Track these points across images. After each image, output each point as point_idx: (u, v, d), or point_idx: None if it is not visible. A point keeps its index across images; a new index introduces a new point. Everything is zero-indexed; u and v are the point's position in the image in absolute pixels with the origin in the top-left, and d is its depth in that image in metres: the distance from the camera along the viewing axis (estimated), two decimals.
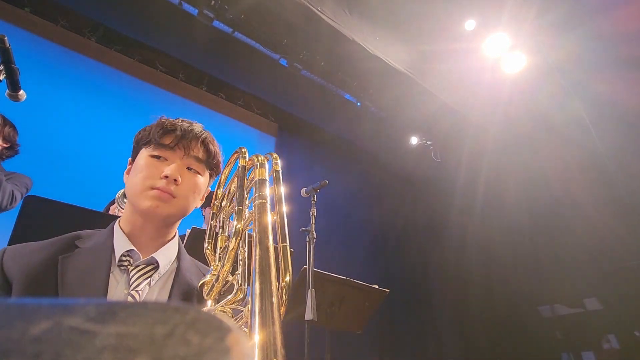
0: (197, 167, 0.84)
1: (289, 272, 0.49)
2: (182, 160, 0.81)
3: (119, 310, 0.13)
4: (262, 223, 0.49)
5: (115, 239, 0.78)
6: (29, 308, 0.13)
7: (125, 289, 0.72)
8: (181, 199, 0.79)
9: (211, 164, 0.87)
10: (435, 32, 4.25)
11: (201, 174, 0.85)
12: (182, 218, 0.85)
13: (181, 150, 0.81)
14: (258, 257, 0.43)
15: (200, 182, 0.84)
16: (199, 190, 0.84)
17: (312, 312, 1.76)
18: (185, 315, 0.13)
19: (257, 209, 0.53)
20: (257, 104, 4.33)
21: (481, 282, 4.61)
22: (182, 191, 0.79)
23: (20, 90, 1.20)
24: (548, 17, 3.97)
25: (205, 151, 0.85)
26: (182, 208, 0.80)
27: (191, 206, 0.84)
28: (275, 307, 0.36)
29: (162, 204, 0.76)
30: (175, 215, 0.80)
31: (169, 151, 0.81)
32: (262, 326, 0.33)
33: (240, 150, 0.73)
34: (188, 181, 0.81)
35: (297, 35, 3.86)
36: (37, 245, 0.75)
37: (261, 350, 0.31)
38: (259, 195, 0.56)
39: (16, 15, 3.13)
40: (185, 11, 3.65)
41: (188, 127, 0.84)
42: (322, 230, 2.56)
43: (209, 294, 0.55)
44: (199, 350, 0.12)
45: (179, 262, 0.83)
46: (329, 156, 4.80)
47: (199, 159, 0.84)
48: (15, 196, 1.89)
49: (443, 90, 4.55)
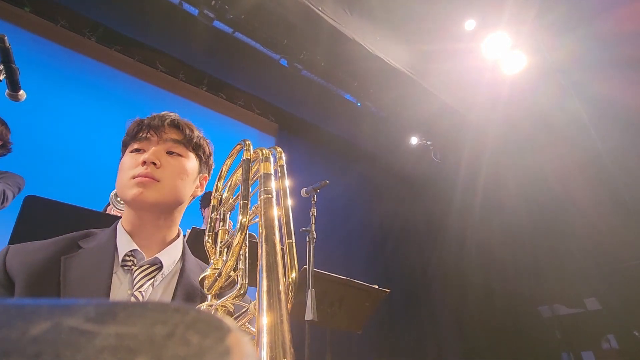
0: (177, 148, 0.82)
1: (295, 268, 0.48)
2: (159, 146, 0.80)
3: (119, 310, 0.13)
4: (268, 218, 0.48)
5: (118, 239, 0.77)
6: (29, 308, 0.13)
7: (128, 290, 0.72)
8: (166, 182, 0.77)
9: (191, 143, 0.84)
10: (435, 32, 4.25)
11: (183, 155, 0.82)
12: (178, 207, 0.82)
13: (154, 136, 0.80)
14: (265, 253, 0.41)
15: (185, 164, 0.82)
16: (185, 172, 0.81)
17: (312, 312, 1.76)
18: (186, 316, 0.13)
19: (262, 204, 0.51)
20: (257, 104, 4.33)
21: (481, 281, 4.61)
22: (166, 174, 0.77)
23: (20, 90, 1.20)
24: (548, 17, 3.97)
25: (180, 131, 0.83)
26: (170, 192, 0.77)
27: (182, 191, 0.80)
28: (284, 305, 0.35)
29: (146, 190, 0.74)
30: (165, 201, 0.77)
31: (144, 142, 0.80)
32: (270, 324, 0.32)
33: (244, 142, 0.71)
34: (170, 164, 0.79)
35: (297, 35, 3.86)
36: (41, 245, 0.74)
37: (270, 349, 0.30)
38: (264, 189, 0.54)
39: (16, 15, 3.13)
40: (186, 11, 3.65)
41: (156, 115, 0.84)
42: (322, 230, 2.56)
43: (210, 289, 0.54)
44: (199, 350, 0.12)
45: (183, 262, 0.82)
46: (329, 156, 4.80)
47: (176, 140, 0.82)
48: (7, 195, 1.86)
49: (443, 90, 4.55)
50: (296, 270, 0.48)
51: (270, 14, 3.62)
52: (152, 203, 0.76)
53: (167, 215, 0.81)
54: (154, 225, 0.79)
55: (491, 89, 4.55)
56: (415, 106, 4.64)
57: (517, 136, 4.73)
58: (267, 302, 0.35)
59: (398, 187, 5.41)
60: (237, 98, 4.21)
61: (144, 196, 0.74)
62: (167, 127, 0.82)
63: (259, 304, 0.36)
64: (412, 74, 4.31)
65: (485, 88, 4.56)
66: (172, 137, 0.82)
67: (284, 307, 0.35)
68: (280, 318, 0.33)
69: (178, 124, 0.84)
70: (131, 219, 0.79)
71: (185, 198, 0.82)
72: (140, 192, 0.74)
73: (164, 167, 0.78)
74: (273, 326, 0.32)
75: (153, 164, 0.76)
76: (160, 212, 0.79)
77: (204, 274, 0.57)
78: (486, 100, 4.66)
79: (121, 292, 0.71)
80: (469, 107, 4.75)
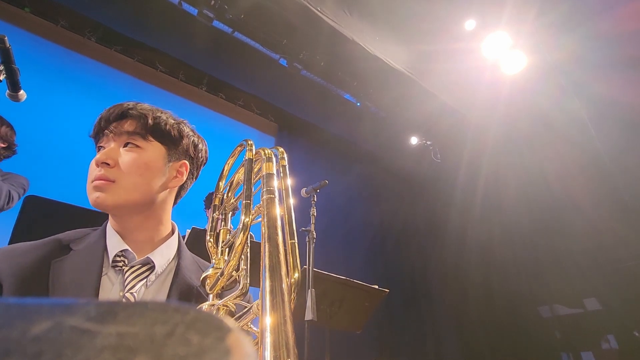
0: (133, 139, 0.75)
1: (297, 269, 0.48)
2: (116, 142, 0.75)
3: (120, 310, 0.13)
4: (271, 218, 0.48)
5: (108, 239, 0.75)
6: (30, 308, 0.13)
7: (120, 291, 0.70)
8: (123, 181, 0.71)
9: (149, 130, 0.76)
10: (435, 32, 4.25)
11: (141, 147, 0.75)
12: (149, 203, 0.75)
13: (109, 133, 0.75)
14: (268, 254, 0.41)
15: (143, 155, 0.74)
16: (144, 164, 0.74)
17: (312, 312, 1.76)
18: (186, 315, 0.13)
19: (265, 204, 0.51)
20: (257, 104, 4.33)
21: (481, 282, 4.61)
22: (121, 172, 0.72)
23: (21, 90, 1.20)
24: (548, 17, 3.98)
25: (133, 120, 0.76)
26: (128, 191, 0.71)
27: (145, 187, 0.74)
28: (287, 305, 0.35)
29: (102, 194, 0.70)
30: (126, 201, 0.71)
31: (103, 139, 0.76)
32: (274, 325, 0.32)
33: (246, 142, 0.69)
34: (125, 160, 0.73)
35: (297, 35, 3.86)
36: (29, 246, 0.72)
37: (274, 349, 0.30)
38: (267, 189, 0.54)
39: (16, 15, 3.13)
40: (185, 11, 3.65)
41: (113, 106, 0.78)
42: (322, 230, 2.56)
43: (212, 289, 0.54)
44: (199, 350, 0.12)
45: (178, 260, 0.79)
46: (329, 156, 4.80)
47: (130, 131, 0.75)
48: (12, 196, 1.88)
49: (443, 90, 4.55)
50: (299, 271, 0.48)
51: (269, 14, 3.62)
52: (112, 206, 0.71)
53: (144, 214, 0.76)
54: (136, 226, 0.76)
55: (491, 89, 4.55)
56: (415, 106, 4.64)
57: (517, 136, 4.73)
58: (271, 302, 0.35)
59: (398, 187, 5.41)
60: (237, 98, 4.21)
61: (102, 200, 0.70)
62: (119, 119, 0.76)
63: (262, 304, 0.36)
64: (411, 74, 4.31)
65: (485, 88, 4.56)
66: (126, 130, 0.75)
67: (287, 307, 0.35)
68: (283, 318, 0.33)
69: (127, 113, 0.76)
70: (115, 220, 0.77)
71: (154, 193, 0.76)
72: (97, 196, 0.70)
73: (119, 166, 0.72)
74: (277, 326, 0.32)
75: (106, 164, 0.71)
76: (129, 213, 0.74)
77: (206, 274, 0.57)
78: (486, 100, 4.66)
79: (113, 294, 0.69)
80: (469, 107, 4.75)
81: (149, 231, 0.77)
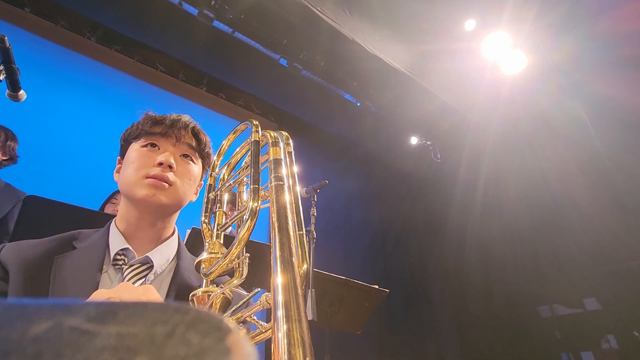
0: (191, 154, 0.83)
1: (306, 260, 0.46)
2: (175, 148, 0.81)
3: (119, 310, 0.13)
4: (281, 207, 0.46)
5: (110, 238, 0.77)
6: (30, 308, 0.13)
7: None
8: (177, 187, 0.78)
9: (203, 152, 0.86)
10: (435, 32, 4.25)
11: (195, 162, 0.84)
12: (178, 210, 0.83)
13: (173, 137, 0.80)
14: (279, 244, 0.39)
15: (194, 170, 0.83)
16: (194, 179, 0.83)
17: (312, 312, 1.76)
18: (186, 316, 0.13)
19: (274, 191, 0.49)
20: (257, 104, 4.33)
21: (480, 282, 4.61)
22: (177, 178, 0.78)
23: (21, 90, 1.20)
24: (548, 17, 3.98)
25: (196, 139, 0.85)
26: (178, 197, 0.78)
27: (186, 197, 0.81)
28: (302, 300, 0.33)
29: (159, 192, 0.74)
30: (171, 205, 0.78)
31: (161, 139, 0.80)
32: (288, 321, 0.31)
33: (252, 122, 0.68)
34: (182, 169, 0.80)
35: (297, 35, 3.86)
36: (36, 242, 0.74)
37: (289, 347, 0.29)
38: (275, 176, 0.52)
39: (16, 15, 3.13)
40: (185, 11, 3.65)
41: (176, 117, 0.84)
42: (322, 230, 2.56)
43: (208, 275, 0.52)
44: (199, 350, 0.12)
45: (178, 260, 0.80)
46: (329, 156, 4.80)
47: (192, 146, 0.83)
48: None
49: (443, 90, 4.55)
50: (307, 262, 0.46)
51: (270, 14, 3.62)
52: (162, 205, 0.76)
53: (167, 216, 0.81)
54: (152, 225, 0.79)
55: (491, 89, 4.54)
56: (415, 106, 4.64)
57: (517, 136, 4.72)
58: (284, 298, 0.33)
59: (398, 187, 5.41)
60: (237, 98, 4.21)
61: (156, 198, 0.74)
62: (185, 132, 0.83)
63: (274, 300, 0.34)
64: (411, 74, 4.31)
65: (485, 88, 4.56)
66: (189, 142, 0.83)
67: (302, 303, 0.33)
68: (298, 315, 0.32)
69: (198, 133, 0.86)
70: (127, 218, 0.78)
71: (186, 202, 0.83)
72: (153, 194, 0.74)
73: (177, 172, 0.78)
74: (290, 323, 0.31)
75: (169, 167, 0.77)
76: (164, 214, 0.79)
77: (200, 258, 0.55)
78: (486, 100, 4.66)
79: None
80: (469, 107, 4.75)
81: (159, 232, 0.80)
